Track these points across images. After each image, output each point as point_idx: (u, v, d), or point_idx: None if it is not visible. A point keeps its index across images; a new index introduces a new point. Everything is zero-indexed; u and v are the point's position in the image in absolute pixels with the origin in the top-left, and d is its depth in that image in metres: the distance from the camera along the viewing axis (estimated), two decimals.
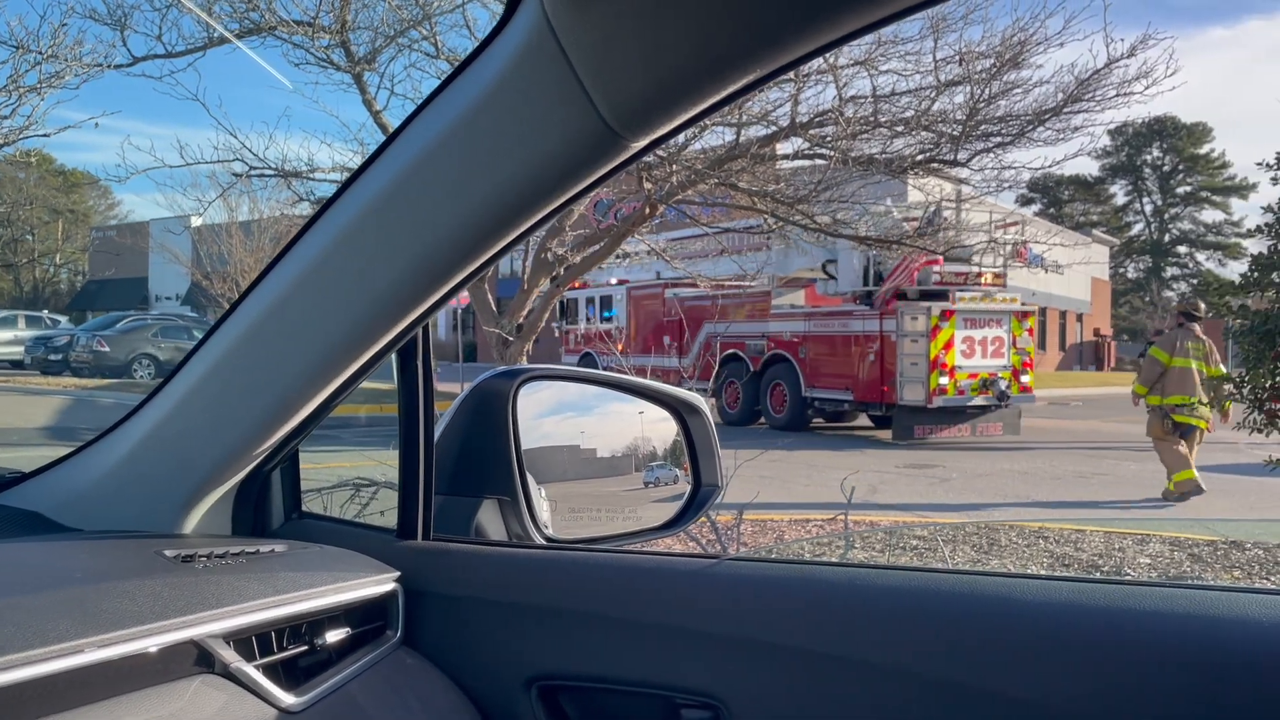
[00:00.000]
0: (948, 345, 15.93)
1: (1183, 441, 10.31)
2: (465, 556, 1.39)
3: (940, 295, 16.37)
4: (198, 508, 1.30)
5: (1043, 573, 6.38)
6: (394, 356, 1.31)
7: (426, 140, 1.02)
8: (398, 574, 1.32)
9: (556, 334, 24.91)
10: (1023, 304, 17.43)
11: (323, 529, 1.43)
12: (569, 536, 1.91)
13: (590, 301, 24.01)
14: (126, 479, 1.29)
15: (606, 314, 23.26)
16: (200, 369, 1.24)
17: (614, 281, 22.99)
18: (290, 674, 1.13)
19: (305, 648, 1.17)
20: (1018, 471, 12.83)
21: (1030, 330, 17.12)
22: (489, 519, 1.53)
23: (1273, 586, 5.36)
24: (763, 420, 18.77)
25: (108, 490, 1.29)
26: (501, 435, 1.56)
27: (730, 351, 19.27)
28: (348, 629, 1.23)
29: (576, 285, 24.41)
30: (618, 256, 19.29)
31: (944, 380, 15.79)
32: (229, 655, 1.03)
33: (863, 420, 18.74)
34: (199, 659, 1.00)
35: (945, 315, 16.01)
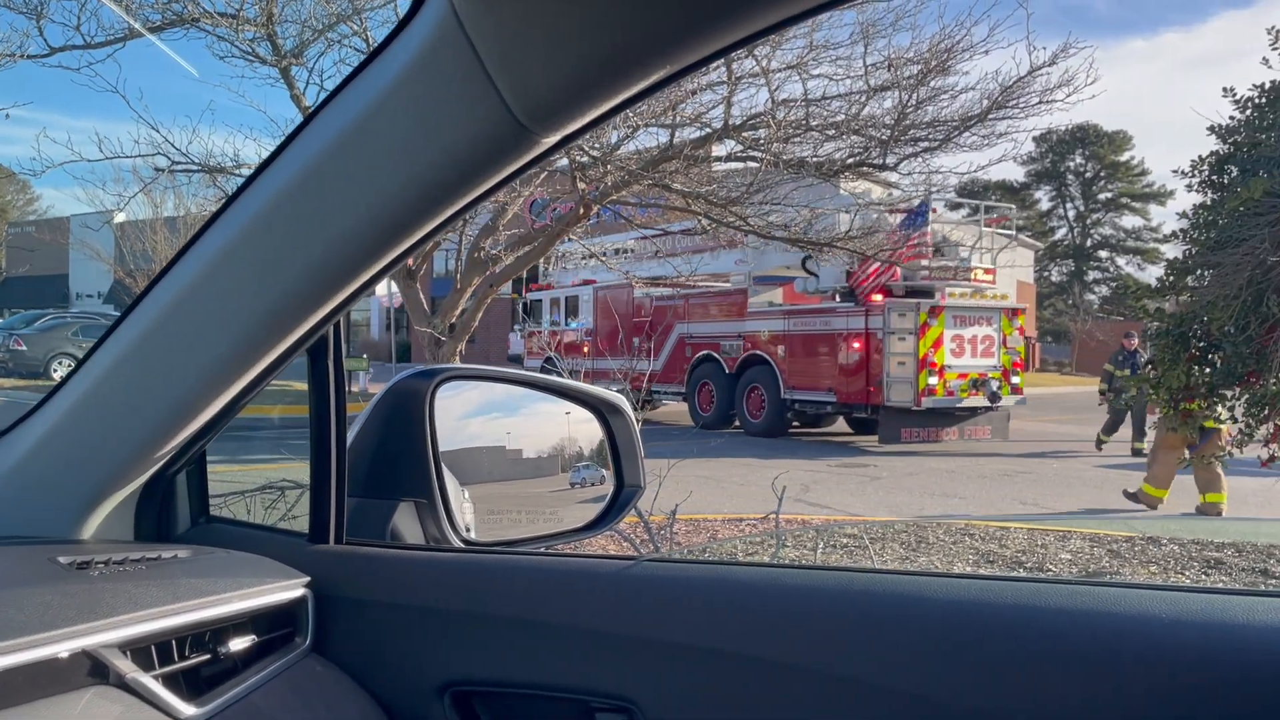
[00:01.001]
0: (937, 343, 15.18)
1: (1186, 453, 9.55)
2: (379, 560, 1.36)
3: (926, 292, 15.66)
4: (97, 512, 1.25)
5: (966, 570, 6.49)
6: (305, 355, 1.28)
7: (333, 134, 1.00)
8: (307, 579, 1.29)
9: (520, 336, 24.33)
10: (1013, 301, 16.79)
11: (231, 534, 1.39)
12: (489, 539, 1.89)
13: (555, 303, 23.12)
14: (20, 482, 1.24)
15: (572, 315, 22.39)
16: (100, 367, 1.19)
17: (580, 282, 22.27)
18: (192, 684, 1.09)
19: (208, 657, 1.13)
20: (946, 471, 13.08)
21: (1021, 329, 16.38)
22: (405, 522, 1.50)
23: (1183, 584, 5.52)
24: (738, 424, 17.88)
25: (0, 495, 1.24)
26: (418, 436, 1.54)
27: (704, 353, 18.61)
28: (253, 636, 1.19)
29: (539, 285, 23.56)
30: (586, 256, 19.13)
31: (933, 380, 15.06)
32: (125, 665, 0.99)
33: (841, 425, 17.89)
34: (92, 670, 0.97)
35: (934, 312, 15.26)
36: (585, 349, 21.01)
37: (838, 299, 16.83)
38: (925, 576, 1.16)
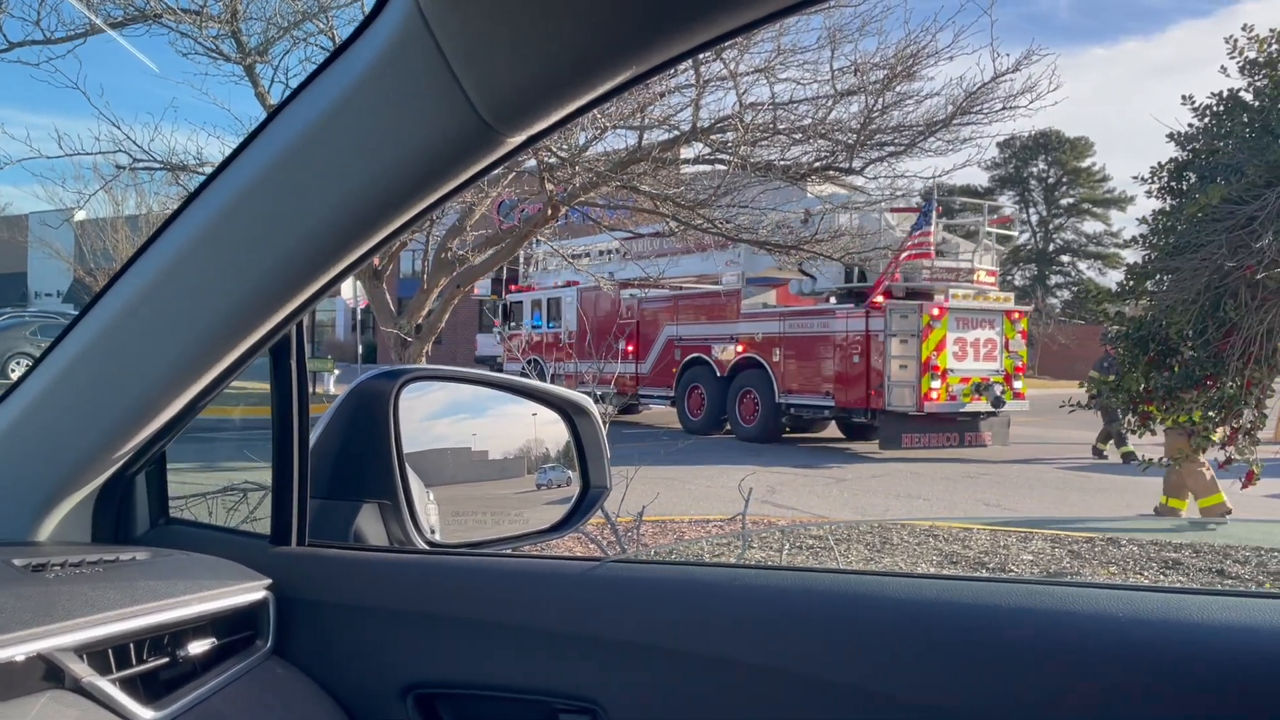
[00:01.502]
0: (939, 347, 14.62)
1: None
2: (341, 562, 1.35)
3: (925, 294, 15.10)
4: (53, 513, 1.23)
5: (930, 570, 6.55)
6: (267, 355, 1.27)
7: (296, 131, 0.99)
8: (269, 581, 1.28)
9: (499, 338, 23.38)
10: (1016, 303, 16.23)
11: (191, 536, 1.37)
12: (454, 541, 1.88)
13: (536, 304, 22.41)
14: None
15: (554, 317, 21.71)
16: (57, 366, 1.17)
17: (561, 283, 21.56)
18: (150, 688, 1.08)
19: (166, 660, 1.12)
20: (910, 472, 13.19)
21: (1023, 332, 15.90)
22: (369, 524, 1.49)
23: (1140, 583, 5.60)
24: (729, 429, 17.29)
25: None
26: (382, 437, 1.53)
27: (694, 356, 18.00)
28: (213, 639, 1.18)
29: (520, 287, 22.96)
30: (572, 256, 18.85)
31: (936, 384, 14.49)
32: (80, 669, 0.97)
33: (834, 431, 17.36)
34: (47, 674, 0.95)
35: (938, 314, 14.68)
36: (568, 351, 20.40)
37: (833, 300, 16.40)
38: (887, 577, 1.17)
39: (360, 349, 25.97)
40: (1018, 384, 15.47)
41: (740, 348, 17.08)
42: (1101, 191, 52.65)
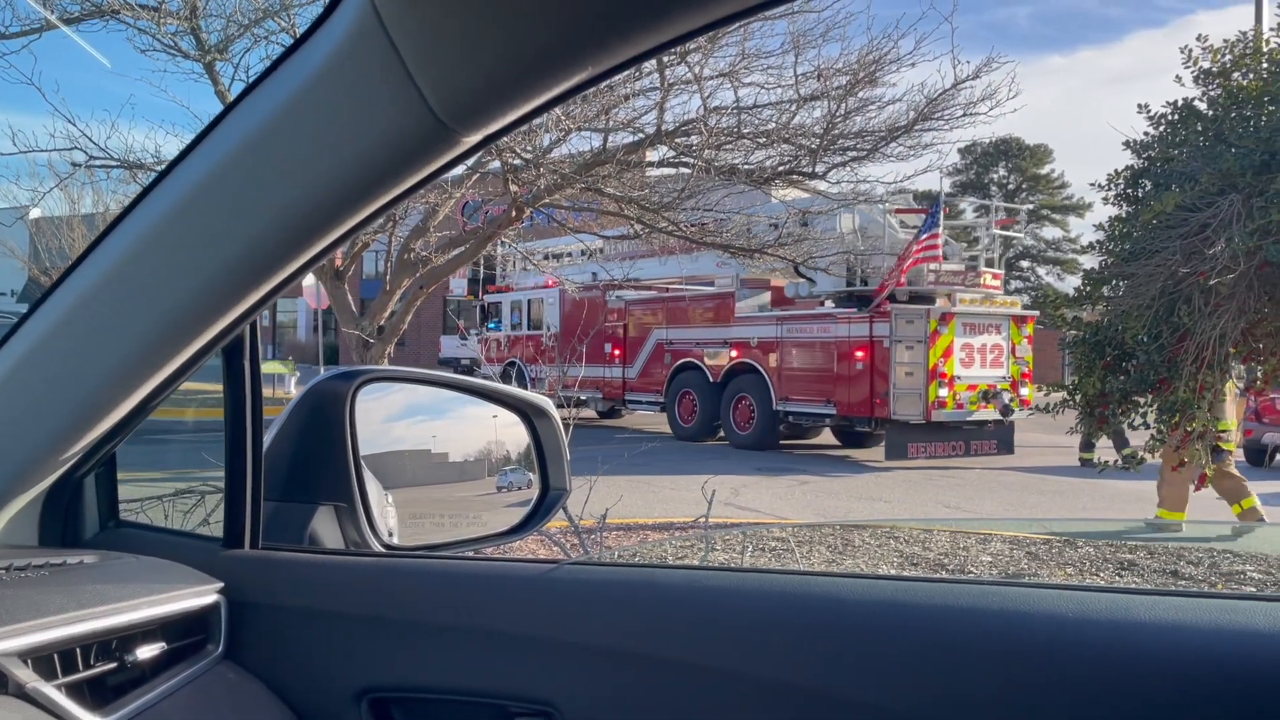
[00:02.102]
0: (947, 353, 14.09)
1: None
2: (296, 566, 1.34)
3: (929, 298, 14.58)
4: None
5: (891, 572, 6.58)
6: (220, 356, 1.25)
7: (248, 129, 0.97)
8: (220, 585, 1.26)
9: (477, 340, 23.38)
10: (1023, 308, 15.67)
11: (142, 539, 1.35)
12: (412, 544, 1.87)
13: (516, 306, 21.76)
14: None
15: (535, 319, 21.07)
16: (3, 366, 1.15)
17: (543, 284, 20.78)
18: (98, 693, 1.06)
19: (114, 665, 1.10)
20: (872, 475, 13.29)
21: (1029, 338, 15.32)
22: (324, 526, 1.47)
23: (1091, 584, 5.68)
24: (723, 436, 16.71)
25: None
26: (338, 439, 1.51)
27: (685, 360, 17.38)
28: (163, 644, 1.16)
29: (498, 288, 22.27)
30: (554, 256, 18.50)
31: (943, 392, 13.91)
32: (24, 675, 0.95)
33: (829, 438, 16.87)
34: None
35: (945, 319, 14.14)
36: (550, 354, 19.97)
37: (831, 304, 15.87)
38: (842, 578, 1.18)
39: (322, 350, 25.67)
40: (1024, 391, 14.98)
41: (735, 352, 16.53)
42: (1060, 198, 53.40)
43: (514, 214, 8.79)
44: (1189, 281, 6.88)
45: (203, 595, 1.24)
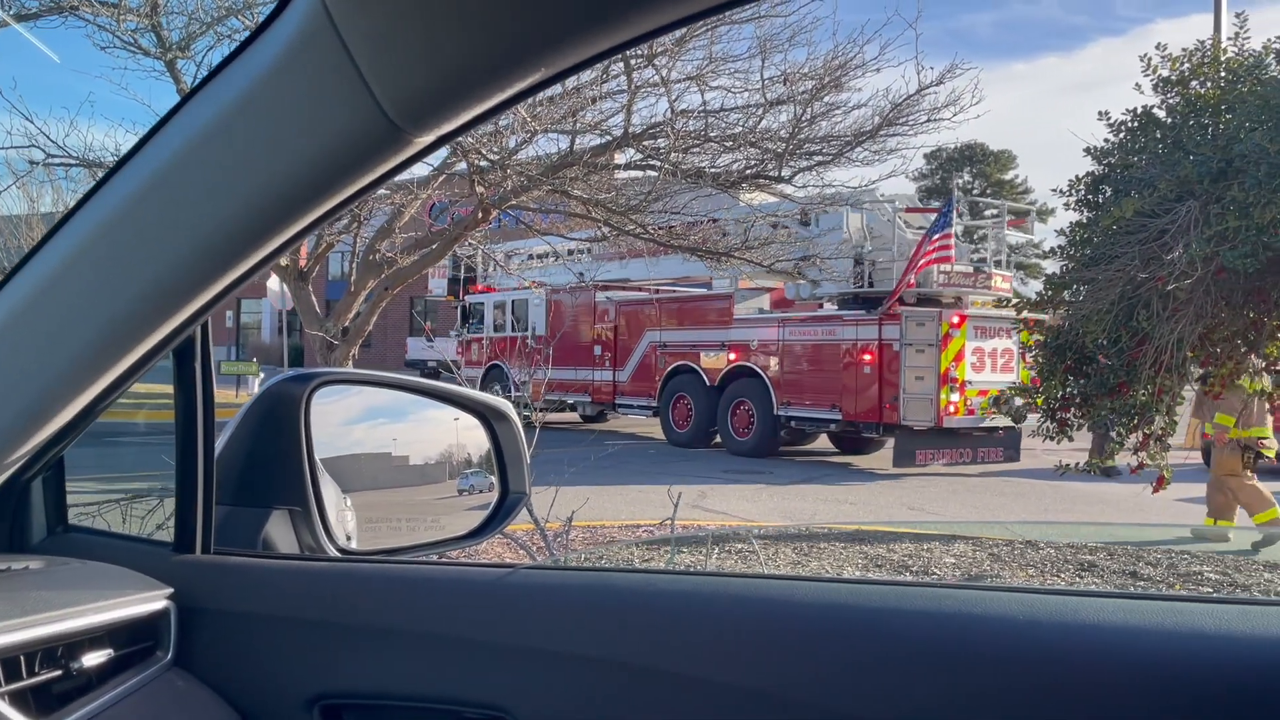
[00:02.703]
0: (958, 357, 13.57)
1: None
2: (248, 570, 1.32)
3: (935, 300, 14.08)
4: None
5: (855, 574, 6.61)
6: (171, 357, 1.23)
7: (197, 128, 0.96)
8: (170, 590, 1.24)
9: (456, 344, 21.91)
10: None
11: (91, 544, 1.33)
12: (371, 548, 1.85)
13: (499, 307, 20.99)
14: None
15: (520, 320, 20.32)
16: None
17: (526, 284, 20.24)
18: (43, 701, 1.04)
19: (59, 672, 1.08)
20: (839, 477, 13.37)
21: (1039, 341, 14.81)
22: (278, 531, 1.45)
23: (1040, 586, 5.75)
24: (719, 441, 16.06)
25: None
26: (293, 442, 1.49)
27: (680, 363, 16.73)
28: (110, 651, 1.14)
29: (480, 288, 21.58)
30: (538, 257, 18.08)
31: (955, 398, 13.32)
32: None
33: (826, 443, 16.18)
34: None
35: (958, 322, 13.62)
36: (536, 357, 19.74)
37: (830, 305, 15.42)
38: (799, 581, 1.18)
39: (287, 352, 25.41)
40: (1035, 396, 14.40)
41: (733, 355, 15.89)
42: (1024, 203, 54.04)
43: (481, 215, 8.76)
44: (1147, 287, 6.98)
45: (151, 601, 1.21)
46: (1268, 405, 8.65)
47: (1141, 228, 6.94)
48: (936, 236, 13.44)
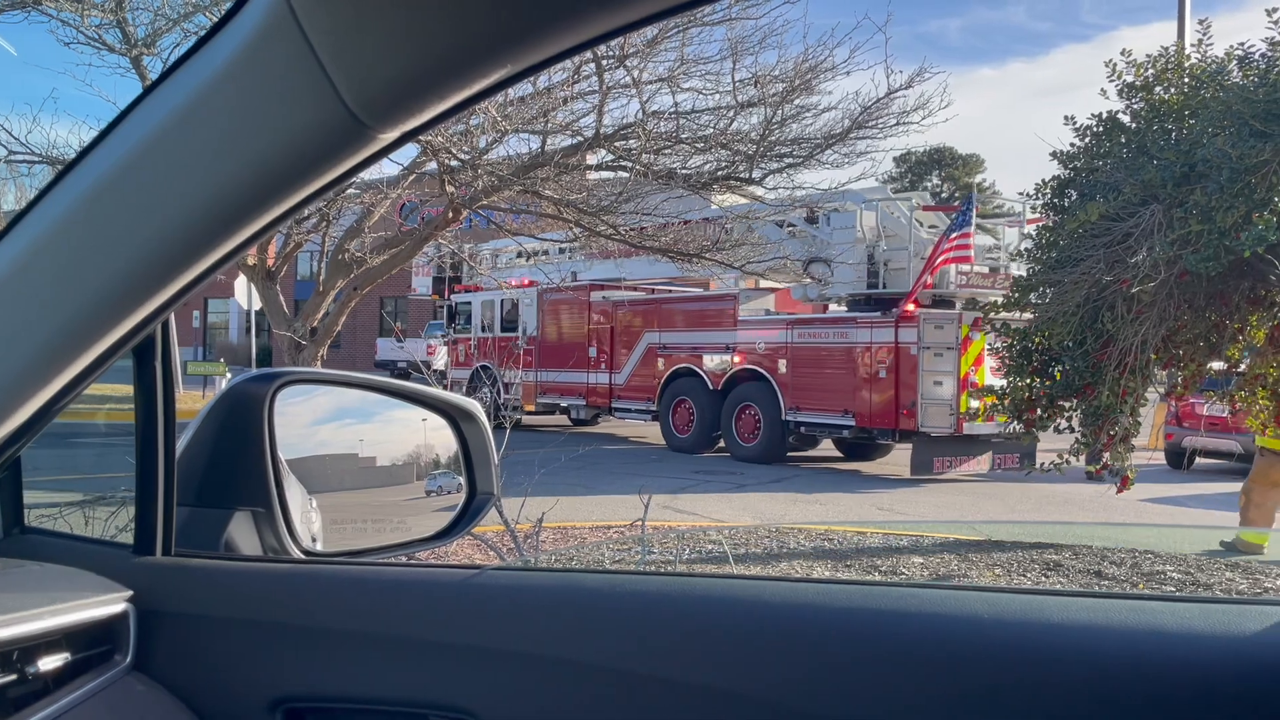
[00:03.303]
0: (978, 361, 12.97)
1: None
2: (210, 573, 1.30)
3: (950, 302, 13.55)
4: None
5: (825, 574, 6.63)
6: (131, 356, 1.21)
7: (156, 122, 0.94)
8: (130, 593, 1.22)
9: (443, 342, 21.34)
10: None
11: (48, 546, 1.30)
12: (337, 549, 1.83)
13: (488, 306, 20.25)
14: None
15: (510, 320, 19.67)
16: None
17: (516, 283, 19.46)
18: None
19: (14, 677, 1.05)
20: (808, 478, 13.42)
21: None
22: (241, 533, 1.43)
23: (1004, 585, 5.80)
24: (723, 447, 15.50)
25: None
26: (256, 442, 1.47)
27: (681, 366, 16.15)
28: (67, 655, 1.12)
29: (466, 287, 20.92)
30: (531, 253, 17.63)
31: (974, 403, 12.09)
32: None
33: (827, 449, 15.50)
34: None
35: (977, 324, 12.20)
36: (527, 359, 18.66)
37: (837, 307, 14.95)
38: (764, 581, 1.18)
39: (255, 352, 25.16)
40: None
41: (738, 358, 15.30)
42: (992, 207, 54.59)
43: (451, 215, 8.72)
44: (1112, 289, 7.07)
45: (110, 604, 1.19)
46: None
47: (1106, 231, 7.03)
48: (954, 235, 13.00)
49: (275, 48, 0.85)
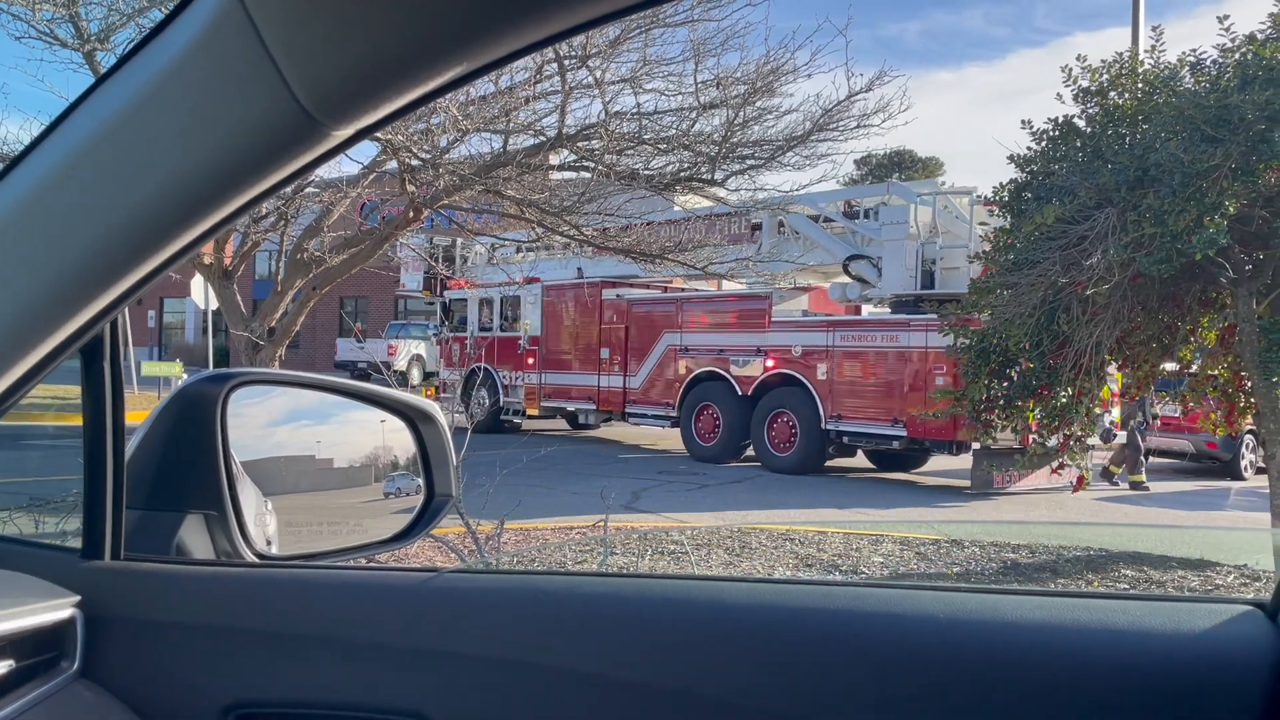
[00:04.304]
0: None
1: None
2: (160, 577, 1.27)
3: None
4: None
5: (787, 574, 6.62)
6: (78, 357, 1.18)
7: (103, 117, 0.92)
8: (77, 598, 1.19)
9: (434, 342, 20.36)
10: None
11: None
12: (293, 552, 1.81)
13: (486, 304, 19.17)
14: None
15: (510, 318, 18.63)
16: None
17: (518, 279, 18.35)
18: None
19: None
20: (774, 478, 13.49)
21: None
22: (193, 536, 1.41)
23: (963, 585, 5.86)
24: (752, 455, 14.62)
25: None
26: (208, 444, 1.45)
27: (706, 369, 15.14)
28: (12, 661, 1.09)
29: (461, 284, 19.76)
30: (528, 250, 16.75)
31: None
32: None
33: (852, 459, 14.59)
34: None
35: None
36: (530, 360, 17.74)
37: (875, 308, 14.22)
38: (723, 581, 1.18)
39: (212, 353, 24.80)
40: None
41: (770, 362, 14.32)
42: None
43: (412, 215, 8.66)
44: (1068, 291, 7.18)
45: (57, 609, 1.17)
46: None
47: (1062, 234, 7.13)
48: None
49: (226, 42, 0.84)
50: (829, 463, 14.24)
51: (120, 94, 0.92)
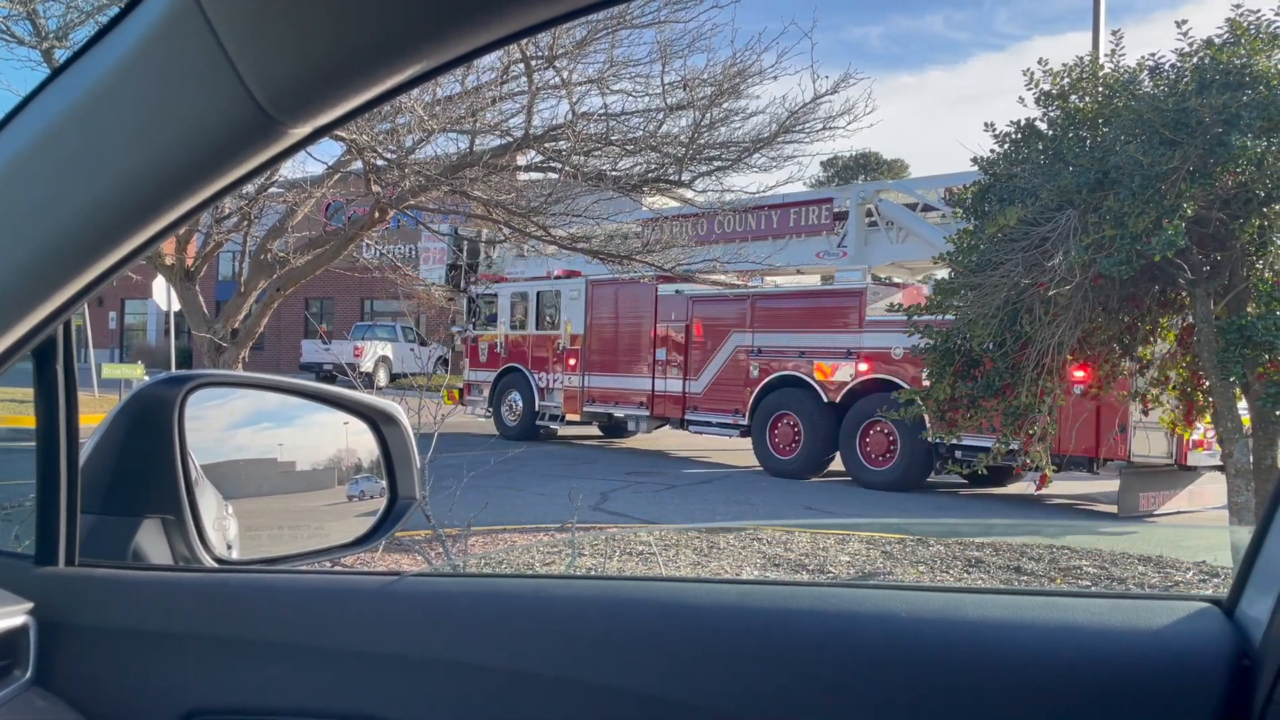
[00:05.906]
0: None
1: None
2: (116, 583, 1.25)
3: None
4: None
5: (754, 574, 6.63)
6: (30, 358, 1.16)
7: (54, 114, 0.91)
8: (30, 605, 1.17)
9: (458, 341, 18.98)
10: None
11: None
12: (253, 557, 1.78)
13: (520, 299, 17.51)
14: None
15: (548, 316, 17.13)
16: None
17: (560, 273, 17.04)
18: None
19: None
20: (742, 478, 13.52)
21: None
22: (150, 541, 1.38)
23: (924, 584, 5.91)
24: (839, 468, 13.22)
25: None
26: (165, 447, 1.42)
27: (782, 373, 13.66)
28: None
29: (489, 276, 18.49)
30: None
31: (1200, 427, 9.45)
32: None
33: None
34: None
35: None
36: (571, 360, 16.34)
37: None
38: (687, 583, 1.18)
39: (175, 355, 24.45)
40: None
41: (864, 365, 12.87)
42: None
43: (377, 215, 8.60)
44: (1030, 292, 7.26)
45: (9, 616, 1.14)
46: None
47: (1024, 235, 7.22)
48: None
49: (179, 37, 0.82)
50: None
51: (71, 90, 0.90)
